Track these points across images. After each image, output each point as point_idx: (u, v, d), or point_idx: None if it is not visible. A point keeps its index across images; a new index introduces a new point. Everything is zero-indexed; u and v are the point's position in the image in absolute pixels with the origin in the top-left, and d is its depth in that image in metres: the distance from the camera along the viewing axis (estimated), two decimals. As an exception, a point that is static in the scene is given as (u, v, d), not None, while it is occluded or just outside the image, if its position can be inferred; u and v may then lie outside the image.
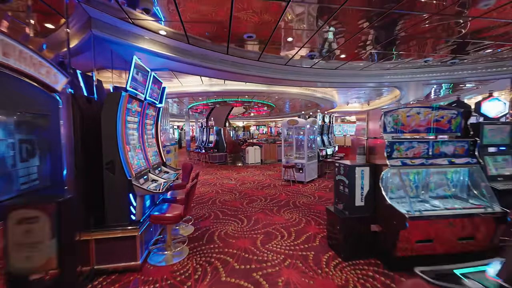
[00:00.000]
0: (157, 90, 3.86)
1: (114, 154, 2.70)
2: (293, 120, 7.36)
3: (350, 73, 6.31)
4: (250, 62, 5.47)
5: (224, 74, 5.68)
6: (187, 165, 5.03)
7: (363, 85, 7.19)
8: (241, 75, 5.74)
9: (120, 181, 2.71)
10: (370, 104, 13.87)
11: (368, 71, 6.24)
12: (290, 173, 7.10)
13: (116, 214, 2.74)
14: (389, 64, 5.90)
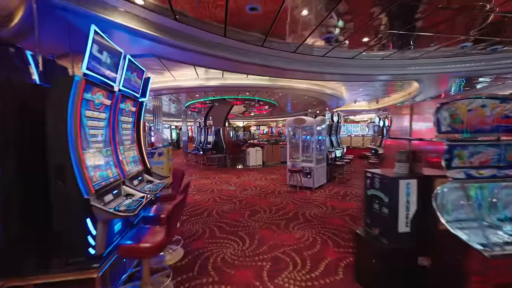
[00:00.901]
0: (136, 79, 3.07)
1: (63, 162, 1.92)
2: (300, 118, 6.58)
3: (368, 63, 5.49)
4: (252, 48, 4.59)
5: (221, 62, 4.84)
6: (177, 172, 4.26)
7: (379, 78, 6.34)
8: (242, 64, 4.91)
9: (72, 201, 1.93)
10: (379, 103, 13.08)
11: (388, 61, 5.43)
12: (297, 178, 6.32)
13: (66, 247, 1.95)
14: (414, 53, 5.07)
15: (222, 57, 4.52)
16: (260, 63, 4.83)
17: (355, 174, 8.37)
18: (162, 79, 7.45)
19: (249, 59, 4.70)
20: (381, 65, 5.55)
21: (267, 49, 4.62)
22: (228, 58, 4.56)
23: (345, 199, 5.53)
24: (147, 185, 3.09)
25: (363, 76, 5.94)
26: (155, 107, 8.80)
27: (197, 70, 6.61)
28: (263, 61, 4.86)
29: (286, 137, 14.38)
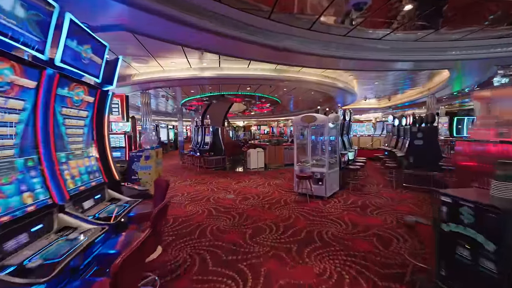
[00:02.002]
0: (93, 56, 2.17)
1: None
2: (309, 116, 5.66)
3: (396, 46, 4.54)
4: (257, 22, 3.60)
5: (216, 41, 3.85)
6: (161, 182, 3.37)
7: (407, 66, 5.33)
8: (243, 44, 3.95)
9: None
10: (391, 100, 12.14)
11: (422, 43, 4.47)
12: (306, 185, 5.40)
13: None
14: (456, 33, 4.08)
15: (217, 32, 3.52)
16: (266, 42, 3.84)
17: (369, 179, 7.46)
18: (148, 70, 6.54)
19: (252, 36, 3.70)
20: (412, 49, 4.59)
21: (276, 23, 3.62)
22: (225, 34, 3.56)
23: (365, 212, 4.62)
24: (107, 207, 2.19)
25: (388, 63, 4.97)
26: (143, 103, 7.88)
27: (188, 58, 5.70)
28: (270, 40, 3.85)
29: (293, 137, 13.37)
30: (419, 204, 5.02)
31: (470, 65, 5.36)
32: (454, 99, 11.32)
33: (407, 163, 6.36)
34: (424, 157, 6.08)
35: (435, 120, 6.12)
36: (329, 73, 7.29)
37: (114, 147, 5.72)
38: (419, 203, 5.09)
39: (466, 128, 14.91)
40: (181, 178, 8.21)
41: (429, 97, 8.76)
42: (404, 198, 5.53)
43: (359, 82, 8.80)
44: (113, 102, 5.68)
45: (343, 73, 7.43)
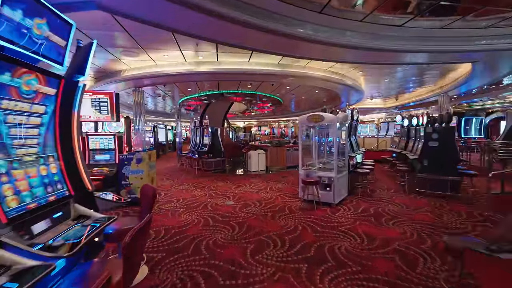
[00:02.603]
0: (52, 36, 1.70)
1: None
2: (316, 115, 5.18)
3: (418, 34, 3.98)
4: (259, 1, 3.17)
5: (211, 23, 3.32)
6: (147, 190, 2.90)
7: (423, 57, 4.78)
8: (244, 30, 3.44)
9: None
10: (398, 99, 11.64)
11: (447, 32, 3.95)
12: (313, 191, 4.92)
13: None
14: (487, 20, 3.56)
15: (212, 12, 2.96)
16: (273, 27, 3.29)
17: (378, 184, 6.97)
18: (139, 64, 6.06)
19: (255, 18, 3.15)
20: (435, 38, 4.05)
21: (280, 3, 3.06)
22: (220, 13, 3.01)
23: (380, 222, 4.13)
24: (69, 229, 1.70)
25: (407, 54, 4.43)
26: (136, 102, 7.40)
27: (183, 50, 5.22)
28: (275, 23, 3.28)
29: (296, 138, 12.76)
30: (438, 213, 4.53)
31: (499, 58, 4.79)
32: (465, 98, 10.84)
33: (420, 167, 5.87)
34: (440, 160, 5.59)
35: (452, 119, 5.64)
36: (336, 69, 6.78)
37: (102, 149, 5.25)
38: (438, 212, 4.60)
39: (475, 129, 14.47)
40: (177, 182, 7.73)
41: (441, 95, 8.27)
42: (419, 205, 5.04)
43: (367, 80, 8.29)
44: (101, 100, 5.23)
45: (352, 70, 6.91)
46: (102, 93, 5.23)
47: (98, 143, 5.19)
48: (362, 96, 10.06)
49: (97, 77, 7.07)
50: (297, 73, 6.50)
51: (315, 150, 5.58)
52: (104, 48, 5.06)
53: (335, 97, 9.60)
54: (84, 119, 5.25)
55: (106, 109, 5.23)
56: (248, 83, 7.59)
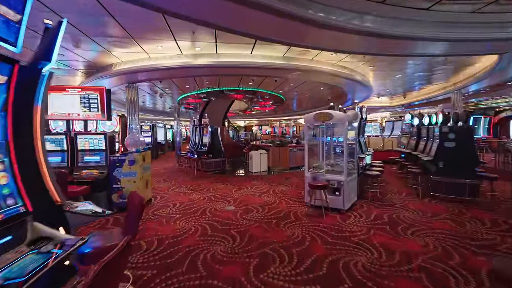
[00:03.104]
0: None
1: None
2: (324, 113, 4.77)
3: (444, 18, 3.51)
4: None
5: (208, 2, 2.90)
6: (134, 198, 2.50)
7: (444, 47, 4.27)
8: (245, 9, 2.99)
9: None
10: (406, 97, 11.18)
11: (477, 17, 3.51)
12: (321, 196, 4.51)
13: None
14: None
15: None
16: (280, 7, 2.81)
17: (388, 187, 6.55)
18: (131, 57, 5.62)
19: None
20: (463, 24, 3.58)
21: None
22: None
23: (397, 231, 3.72)
24: (23, 256, 1.30)
25: (430, 44, 3.93)
26: (129, 99, 6.98)
27: (178, 40, 4.79)
28: (287, 5, 2.80)
29: (299, 138, 12.38)
30: (459, 221, 4.12)
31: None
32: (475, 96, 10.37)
33: (435, 169, 5.46)
34: (457, 161, 5.18)
35: (470, 118, 5.22)
36: (345, 63, 6.34)
37: (92, 150, 4.85)
38: (459, 219, 4.19)
39: (483, 128, 14.02)
40: (175, 184, 7.33)
41: (454, 93, 7.84)
42: (436, 211, 4.63)
43: (377, 75, 7.80)
44: (91, 96, 4.83)
45: (361, 64, 6.46)
46: (92, 88, 4.82)
47: (87, 144, 4.79)
48: (370, 93, 9.61)
49: (88, 72, 6.67)
50: (303, 67, 6.04)
51: (322, 151, 5.17)
52: (90, 37, 4.60)
53: (341, 95, 9.15)
54: (72, 117, 4.84)
55: (96, 107, 4.82)
56: (250, 78, 7.13)
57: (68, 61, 5.97)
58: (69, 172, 4.64)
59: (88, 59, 5.83)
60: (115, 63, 6.05)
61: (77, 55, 5.63)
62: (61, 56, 5.69)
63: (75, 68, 6.60)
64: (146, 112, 18.58)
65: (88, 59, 5.85)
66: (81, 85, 6.90)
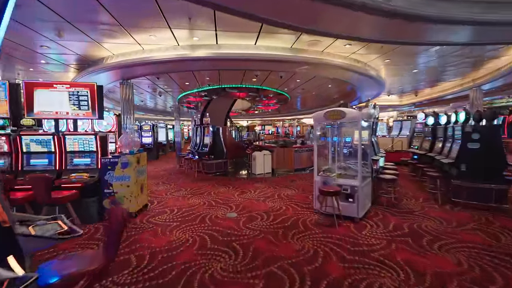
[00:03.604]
0: None
1: None
2: (335, 111, 4.32)
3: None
4: None
5: None
6: (115, 215, 2.08)
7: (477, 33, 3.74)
8: None
9: None
10: (418, 95, 10.64)
11: None
12: (332, 203, 4.06)
13: None
14: None
15: None
16: None
17: (402, 191, 6.07)
18: (123, 50, 5.18)
19: None
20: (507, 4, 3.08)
21: None
22: None
23: (421, 245, 3.26)
24: None
25: (458, 29, 3.42)
26: (123, 96, 6.55)
27: (173, 29, 4.36)
28: None
29: (307, 138, 11.90)
30: (490, 232, 3.65)
31: None
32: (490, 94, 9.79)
33: (457, 172, 4.98)
34: (482, 164, 4.70)
35: (496, 117, 4.74)
36: (359, 56, 5.83)
37: (82, 151, 4.46)
38: (489, 230, 3.71)
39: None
40: (174, 187, 6.93)
41: (473, 90, 7.32)
42: (461, 219, 4.17)
43: (391, 71, 7.21)
44: (81, 93, 4.43)
45: (375, 58, 5.94)
46: (81, 85, 4.43)
47: (76, 144, 4.40)
48: (381, 91, 9.07)
49: (80, 68, 6.28)
50: (313, 60, 5.52)
51: (336, 153, 4.73)
52: (73, 25, 4.16)
53: (349, 93, 8.65)
54: (61, 116, 4.46)
55: (86, 104, 4.43)
56: (253, 74, 6.66)
57: (56, 54, 5.54)
58: (57, 175, 4.27)
59: (76, 52, 5.41)
60: (106, 56, 5.63)
61: (64, 47, 5.19)
62: (47, 49, 5.28)
63: (65, 63, 6.19)
64: (147, 111, 18.27)
65: (77, 52, 5.43)
66: (74, 81, 6.52)
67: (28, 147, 4.28)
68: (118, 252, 2.01)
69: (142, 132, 13.86)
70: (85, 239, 3.63)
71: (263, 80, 7.55)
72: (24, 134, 4.32)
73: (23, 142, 4.25)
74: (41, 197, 3.59)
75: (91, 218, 4.24)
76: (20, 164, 4.26)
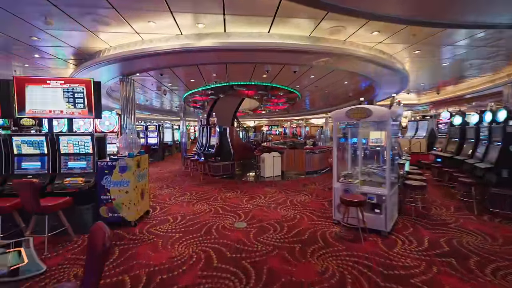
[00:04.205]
0: None
1: None
2: (359, 110, 3.79)
3: None
4: None
5: None
6: (95, 235, 1.60)
7: None
8: None
9: None
10: (440, 93, 9.91)
11: None
12: (357, 214, 3.54)
13: None
14: None
15: None
16: None
17: (429, 198, 5.47)
18: (121, 41, 4.69)
19: None
20: None
21: None
22: None
23: (470, 269, 2.71)
24: None
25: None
26: (124, 95, 6.12)
27: (176, 16, 3.88)
28: None
29: (315, 139, 11.31)
30: (550, 252, 3.05)
31: None
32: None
33: (496, 179, 4.38)
34: (527, 170, 4.09)
35: (544, 115, 4.12)
36: (384, 46, 5.18)
37: (77, 154, 4.07)
38: (548, 250, 3.12)
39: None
40: (179, 191, 6.52)
41: (507, 86, 6.64)
42: (507, 234, 3.58)
43: (418, 63, 6.47)
44: (76, 90, 4.05)
45: (404, 50, 5.20)
46: (77, 80, 4.05)
47: (71, 146, 4.02)
48: (403, 88, 8.33)
49: (77, 63, 5.89)
50: (334, 50, 4.86)
51: (358, 157, 4.20)
52: (61, 9, 3.72)
53: (367, 90, 7.97)
54: (55, 115, 4.08)
55: (81, 102, 4.04)
56: (263, 69, 6.11)
57: (49, 47, 5.11)
58: (50, 180, 3.89)
59: (71, 44, 4.97)
60: (103, 49, 5.22)
61: (56, 39, 4.74)
62: (39, 41, 4.82)
63: (61, 58, 5.78)
64: (153, 111, 18.03)
65: (71, 44, 4.98)
66: (72, 77, 6.15)
67: (19, 149, 3.92)
68: (99, 282, 1.56)
69: (148, 133, 13.58)
70: (76, 253, 3.22)
71: (274, 76, 7.01)
72: (14, 134, 3.96)
73: (14, 143, 3.89)
74: (29, 206, 3.20)
75: (85, 227, 3.83)
76: (11, 167, 3.90)
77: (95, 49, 5.25)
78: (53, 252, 3.21)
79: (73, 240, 3.54)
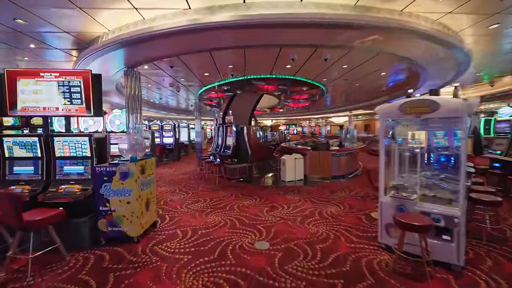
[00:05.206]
0: None
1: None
2: (421, 102, 2.89)
3: None
4: None
5: None
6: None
7: None
8: None
9: None
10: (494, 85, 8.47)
11: None
12: (420, 242, 2.65)
13: None
14: None
15: None
16: None
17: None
18: (118, 23, 4.14)
19: None
20: None
21: None
22: None
23: None
24: None
25: None
26: (128, 90, 5.51)
27: None
28: None
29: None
30: None
31: None
32: None
33: None
34: None
35: None
36: (450, 21, 3.93)
37: (74, 157, 3.53)
38: None
39: None
40: (192, 197, 5.91)
41: None
42: None
43: (486, 45, 4.98)
44: (72, 84, 3.50)
45: (476, 25, 3.87)
46: (73, 73, 3.50)
47: (67, 149, 3.48)
48: (458, 77, 6.79)
49: (78, 54, 5.36)
50: (389, 22, 3.51)
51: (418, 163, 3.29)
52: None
53: (407, 82, 6.65)
54: (50, 113, 3.57)
55: (78, 97, 3.49)
56: (288, 59, 5.18)
57: (42, 33, 4.52)
58: (43, 187, 3.38)
59: (64, 29, 4.40)
60: (100, 34, 4.62)
61: (47, 22, 4.21)
62: (25, 26, 4.31)
63: (57, 48, 5.22)
64: (169, 111, 17.82)
65: (65, 30, 4.40)
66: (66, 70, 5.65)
67: (10, 152, 3.45)
68: None
69: (164, 132, 13.26)
70: (70, 275, 2.65)
71: (299, 68, 6.12)
72: (5, 135, 3.49)
73: (4, 144, 3.42)
74: (10, 221, 2.68)
75: (81, 243, 3.29)
76: (2, 172, 3.44)
77: (93, 34, 4.58)
78: (38, 278, 2.66)
79: (65, 260, 2.99)
